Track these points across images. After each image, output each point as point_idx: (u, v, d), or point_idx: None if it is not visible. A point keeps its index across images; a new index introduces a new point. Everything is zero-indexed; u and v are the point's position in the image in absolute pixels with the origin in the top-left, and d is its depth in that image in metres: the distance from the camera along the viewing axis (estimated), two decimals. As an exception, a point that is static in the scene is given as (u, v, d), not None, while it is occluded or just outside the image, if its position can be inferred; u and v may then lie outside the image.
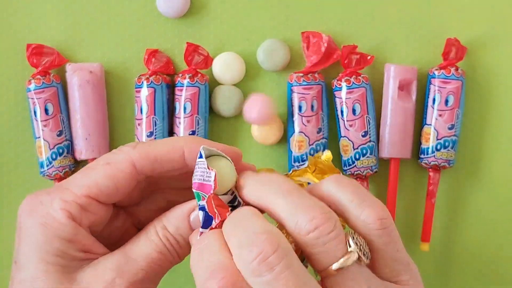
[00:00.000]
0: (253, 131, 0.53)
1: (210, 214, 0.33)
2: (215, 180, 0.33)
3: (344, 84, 0.51)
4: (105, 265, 0.35)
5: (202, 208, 0.33)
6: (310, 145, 0.51)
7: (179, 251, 0.35)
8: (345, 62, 0.51)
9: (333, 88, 0.52)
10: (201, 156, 0.34)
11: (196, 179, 0.34)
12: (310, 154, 0.51)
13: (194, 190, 0.34)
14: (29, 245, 0.35)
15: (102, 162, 0.36)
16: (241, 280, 0.30)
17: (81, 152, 0.51)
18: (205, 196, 0.33)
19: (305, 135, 0.51)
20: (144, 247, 0.35)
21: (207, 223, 0.33)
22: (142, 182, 0.37)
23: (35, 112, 0.50)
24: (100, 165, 0.35)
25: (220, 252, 0.31)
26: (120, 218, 0.38)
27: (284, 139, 0.53)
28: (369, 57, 0.51)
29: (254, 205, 0.34)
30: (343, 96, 0.51)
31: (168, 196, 0.39)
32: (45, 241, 0.34)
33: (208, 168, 0.33)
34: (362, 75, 0.51)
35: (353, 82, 0.51)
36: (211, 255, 0.32)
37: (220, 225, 0.33)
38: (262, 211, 0.33)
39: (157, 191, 0.39)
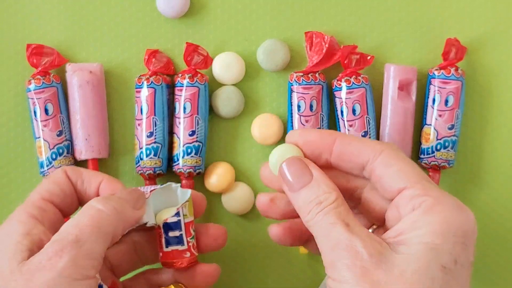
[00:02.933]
0: (253, 131, 0.53)
1: None
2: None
3: (344, 84, 0.51)
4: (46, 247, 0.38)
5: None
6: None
7: (109, 205, 0.40)
8: (345, 62, 0.51)
9: (333, 88, 0.52)
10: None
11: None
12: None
13: None
14: None
15: (44, 178, 0.45)
16: None
17: (81, 152, 0.51)
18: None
19: (304, 135, 0.51)
20: (80, 218, 0.40)
21: None
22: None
23: (35, 112, 0.51)
24: (44, 179, 0.44)
25: None
26: None
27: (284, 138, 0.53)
28: (369, 57, 0.51)
29: None
30: (343, 96, 0.51)
31: (134, 237, 0.46)
32: (5, 237, 0.39)
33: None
34: (362, 75, 0.51)
35: (353, 82, 0.51)
36: None
37: None
38: None
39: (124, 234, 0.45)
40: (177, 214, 0.43)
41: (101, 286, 0.38)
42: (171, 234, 0.43)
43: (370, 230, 0.39)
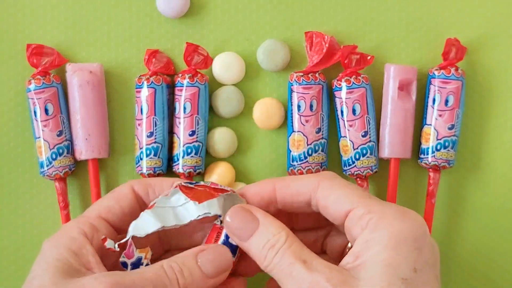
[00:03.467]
0: (254, 115, 0.53)
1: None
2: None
3: (344, 84, 0.51)
4: (101, 276, 0.37)
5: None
6: (308, 144, 0.51)
7: (180, 278, 0.38)
8: (345, 62, 0.51)
9: (333, 88, 0.52)
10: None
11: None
12: (308, 154, 0.51)
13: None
14: (39, 257, 0.39)
15: (109, 193, 0.44)
16: None
17: (81, 152, 0.51)
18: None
19: (304, 135, 0.51)
20: (143, 268, 0.39)
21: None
22: (156, 238, 0.44)
23: (35, 112, 0.51)
24: (107, 194, 0.44)
25: None
26: None
27: (284, 123, 0.53)
28: (369, 57, 0.51)
29: None
30: (343, 96, 0.51)
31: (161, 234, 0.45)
32: (54, 250, 0.38)
33: None
34: (362, 75, 0.51)
35: (353, 82, 0.51)
36: None
37: None
38: None
39: (169, 251, 0.45)
40: None
41: None
42: (230, 240, 0.42)
43: (342, 262, 0.39)
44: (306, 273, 0.37)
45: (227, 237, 0.42)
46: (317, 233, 0.46)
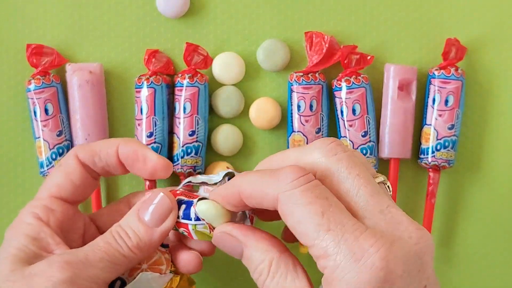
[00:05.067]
0: (250, 114, 0.53)
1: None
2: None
3: (344, 84, 0.51)
4: (52, 258, 0.37)
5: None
6: (308, 145, 0.51)
7: (128, 242, 0.39)
8: (345, 62, 0.51)
9: (333, 88, 0.52)
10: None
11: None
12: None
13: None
14: (2, 246, 0.39)
15: (56, 166, 0.43)
16: None
17: (81, 152, 0.51)
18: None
19: (303, 135, 0.51)
20: (95, 239, 0.39)
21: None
22: (92, 175, 0.43)
23: (35, 112, 0.51)
24: (54, 169, 0.43)
25: None
26: (90, 230, 0.44)
27: (284, 123, 0.53)
28: (369, 57, 0.51)
29: None
30: (343, 96, 0.51)
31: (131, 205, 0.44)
32: (12, 238, 0.39)
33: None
34: (362, 75, 0.51)
35: (353, 82, 0.51)
36: None
37: None
38: None
39: (124, 203, 0.45)
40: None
41: None
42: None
43: None
44: None
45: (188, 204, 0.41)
46: None
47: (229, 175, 0.41)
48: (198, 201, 0.40)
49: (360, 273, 0.32)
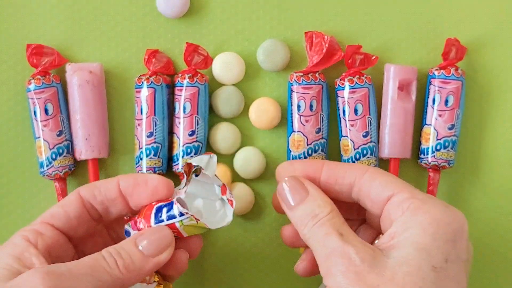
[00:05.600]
0: (250, 115, 0.53)
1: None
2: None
3: (347, 84, 0.51)
4: (36, 268, 0.38)
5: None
6: (308, 144, 0.51)
7: (118, 261, 0.39)
8: (349, 61, 0.51)
9: (336, 87, 0.52)
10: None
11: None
12: (308, 154, 0.51)
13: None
14: None
15: (59, 202, 0.44)
16: None
17: (81, 152, 0.51)
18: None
19: (303, 135, 0.51)
20: (83, 258, 0.39)
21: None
22: (90, 213, 0.44)
23: (35, 112, 0.51)
24: (56, 204, 0.44)
25: None
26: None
27: (284, 123, 0.53)
28: (373, 58, 0.51)
29: None
30: (345, 95, 0.51)
31: (112, 232, 0.46)
32: (0, 257, 0.39)
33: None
34: (365, 76, 0.51)
35: (356, 82, 0.51)
36: None
37: None
38: None
39: (102, 226, 0.46)
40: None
41: None
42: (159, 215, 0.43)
43: (376, 242, 0.40)
44: (338, 243, 0.38)
45: (157, 211, 0.42)
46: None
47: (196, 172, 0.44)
48: (176, 200, 0.42)
49: (446, 212, 0.38)
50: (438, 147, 0.51)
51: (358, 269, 0.36)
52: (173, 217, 0.42)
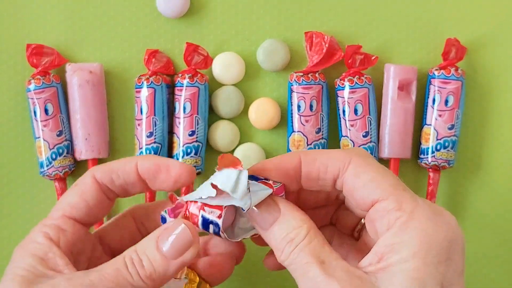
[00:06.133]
0: (250, 115, 0.53)
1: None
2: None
3: (347, 84, 0.51)
4: (60, 277, 0.36)
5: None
6: (308, 144, 0.51)
7: (140, 271, 0.37)
8: (349, 61, 0.51)
9: (336, 87, 0.52)
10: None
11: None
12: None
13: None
14: (9, 266, 0.38)
15: (72, 186, 0.41)
16: None
17: (81, 152, 0.51)
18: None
19: (303, 135, 0.51)
20: (106, 263, 0.37)
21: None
22: (108, 196, 0.41)
23: (35, 112, 0.51)
24: (70, 188, 0.41)
25: None
26: (97, 251, 0.42)
27: (284, 123, 0.53)
28: (373, 58, 0.51)
29: None
30: (345, 95, 0.51)
31: (138, 224, 0.43)
32: (19, 259, 0.37)
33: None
34: (365, 76, 0.51)
35: (356, 82, 0.51)
36: None
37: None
38: None
39: (129, 219, 0.43)
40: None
41: None
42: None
43: (361, 263, 0.37)
44: (322, 276, 0.35)
45: (204, 224, 0.39)
46: (326, 208, 0.44)
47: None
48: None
49: (438, 225, 0.35)
50: (438, 147, 0.51)
51: None
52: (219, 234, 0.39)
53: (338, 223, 0.44)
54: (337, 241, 0.44)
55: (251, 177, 0.38)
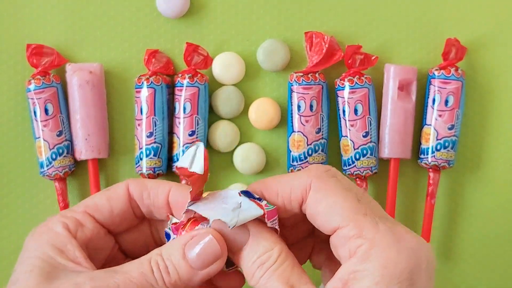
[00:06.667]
0: (250, 115, 0.53)
1: None
2: None
3: (347, 84, 0.51)
4: (83, 275, 0.35)
5: None
6: (308, 145, 0.51)
7: (165, 278, 0.36)
8: (349, 61, 0.51)
9: (336, 87, 0.52)
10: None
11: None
12: (308, 154, 0.51)
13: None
14: (22, 254, 0.37)
15: (104, 189, 0.40)
16: None
17: (81, 152, 0.51)
18: None
19: (303, 135, 0.51)
20: (130, 264, 0.36)
21: None
22: (135, 212, 0.40)
23: (35, 112, 0.51)
24: (102, 190, 0.40)
25: None
26: (114, 250, 0.41)
27: (284, 123, 0.53)
28: (373, 58, 0.51)
29: None
30: (345, 95, 0.51)
31: (154, 231, 0.42)
32: (37, 248, 0.36)
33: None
34: (365, 76, 0.51)
35: (356, 82, 0.51)
36: None
37: None
38: None
39: (145, 222, 0.42)
40: None
41: None
42: None
43: (327, 286, 0.37)
44: None
45: None
46: (305, 241, 0.43)
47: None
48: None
49: (400, 252, 0.34)
50: (438, 147, 0.51)
51: None
52: None
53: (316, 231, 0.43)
54: (316, 249, 0.43)
55: (246, 193, 0.37)
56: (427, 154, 0.52)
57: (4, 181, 0.53)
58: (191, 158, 0.37)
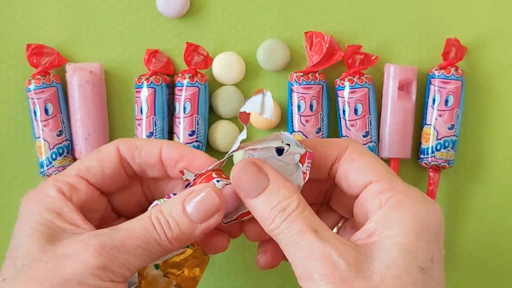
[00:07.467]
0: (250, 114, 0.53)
1: None
2: None
3: (347, 84, 0.51)
4: (87, 238, 0.36)
5: None
6: (308, 145, 0.51)
7: (167, 232, 0.37)
8: (349, 61, 0.51)
9: (336, 87, 0.52)
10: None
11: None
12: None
13: None
14: (20, 220, 0.38)
15: (94, 151, 0.41)
16: None
17: (81, 152, 0.51)
18: None
19: (304, 135, 0.51)
20: (131, 222, 0.37)
21: None
22: (127, 171, 0.41)
23: (35, 112, 0.51)
24: (91, 152, 0.41)
25: None
26: (107, 210, 0.42)
27: (284, 123, 0.53)
28: (373, 58, 0.51)
29: None
30: (345, 95, 0.51)
31: (146, 190, 0.43)
32: (35, 212, 0.37)
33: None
34: (365, 76, 0.51)
35: (356, 82, 0.51)
36: None
37: None
38: None
39: (136, 182, 0.43)
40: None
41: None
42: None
43: (340, 224, 0.39)
44: (317, 243, 0.35)
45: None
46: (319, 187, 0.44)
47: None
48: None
49: (428, 210, 0.36)
50: (438, 147, 0.51)
51: (344, 274, 0.34)
52: None
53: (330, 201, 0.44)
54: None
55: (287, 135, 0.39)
56: (427, 154, 0.52)
57: (4, 180, 0.53)
58: (260, 105, 0.37)
